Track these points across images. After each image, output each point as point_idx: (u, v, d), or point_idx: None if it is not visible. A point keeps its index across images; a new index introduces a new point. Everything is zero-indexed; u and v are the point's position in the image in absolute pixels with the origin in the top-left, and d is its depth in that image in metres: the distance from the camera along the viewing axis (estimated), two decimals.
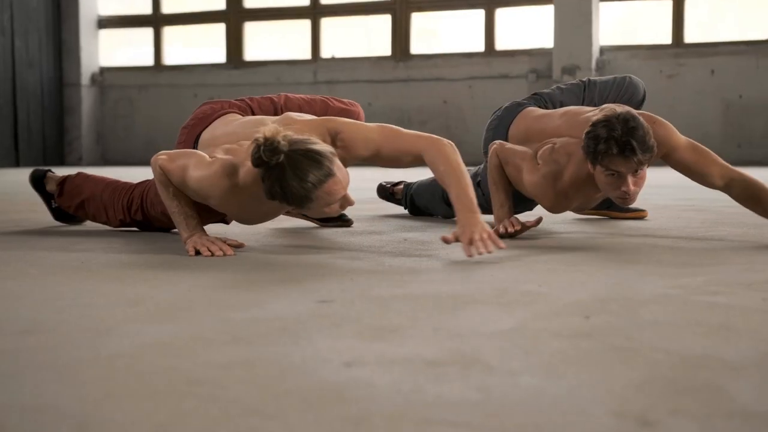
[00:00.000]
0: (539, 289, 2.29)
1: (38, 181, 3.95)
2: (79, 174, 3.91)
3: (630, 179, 3.18)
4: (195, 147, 3.36)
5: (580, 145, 3.28)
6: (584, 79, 4.13)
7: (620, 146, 3.11)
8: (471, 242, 2.78)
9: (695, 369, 1.49)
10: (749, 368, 1.50)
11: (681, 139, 3.44)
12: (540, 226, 3.57)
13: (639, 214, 4.24)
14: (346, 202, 2.86)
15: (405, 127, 3.17)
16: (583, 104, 3.96)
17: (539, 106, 3.96)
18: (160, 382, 1.45)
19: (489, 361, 1.56)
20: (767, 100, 10.76)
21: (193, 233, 3.02)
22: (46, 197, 3.97)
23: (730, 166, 3.42)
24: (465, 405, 1.31)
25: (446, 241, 2.86)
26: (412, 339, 1.73)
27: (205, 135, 3.38)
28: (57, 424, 1.25)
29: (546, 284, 2.38)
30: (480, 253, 2.76)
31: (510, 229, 3.39)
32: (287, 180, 2.73)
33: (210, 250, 2.95)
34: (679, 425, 1.21)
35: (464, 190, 2.93)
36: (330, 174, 2.75)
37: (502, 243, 2.82)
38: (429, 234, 3.60)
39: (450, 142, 3.07)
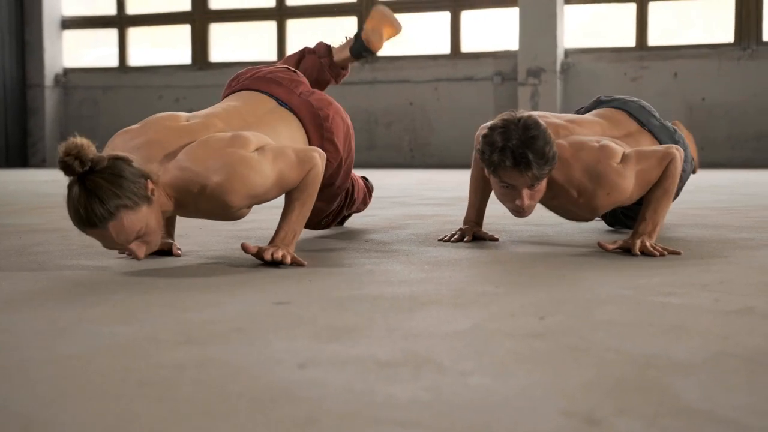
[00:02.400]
0: (496, 290, 2.30)
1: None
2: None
3: (525, 193, 2.90)
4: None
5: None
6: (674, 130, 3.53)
7: (515, 159, 2.82)
8: (267, 252, 2.69)
9: (644, 368, 1.51)
10: (698, 367, 1.52)
11: (631, 182, 3.03)
12: (500, 227, 3.58)
13: None
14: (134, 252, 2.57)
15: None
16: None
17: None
18: (111, 383, 1.44)
19: (441, 361, 1.56)
20: (729, 103, 10.87)
21: None
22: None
23: (666, 159, 3.04)
24: (415, 405, 1.32)
25: (245, 249, 2.70)
26: (366, 340, 1.74)
27: None
28: (4, 424, 1.24)
29: (503, 285, 2.39)
30: (266, 258, 2.68)
31: (463, 239, 3.32)
32: (79, 202, 2.48)
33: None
34: (625, 424, 1.22)
35: (299, 217, 2.80)
36: (114, 214, 2.47)
37: (303, 262, 2.72)
38: (390, 235, 3.61)
39: (321, 155, 2.85)
